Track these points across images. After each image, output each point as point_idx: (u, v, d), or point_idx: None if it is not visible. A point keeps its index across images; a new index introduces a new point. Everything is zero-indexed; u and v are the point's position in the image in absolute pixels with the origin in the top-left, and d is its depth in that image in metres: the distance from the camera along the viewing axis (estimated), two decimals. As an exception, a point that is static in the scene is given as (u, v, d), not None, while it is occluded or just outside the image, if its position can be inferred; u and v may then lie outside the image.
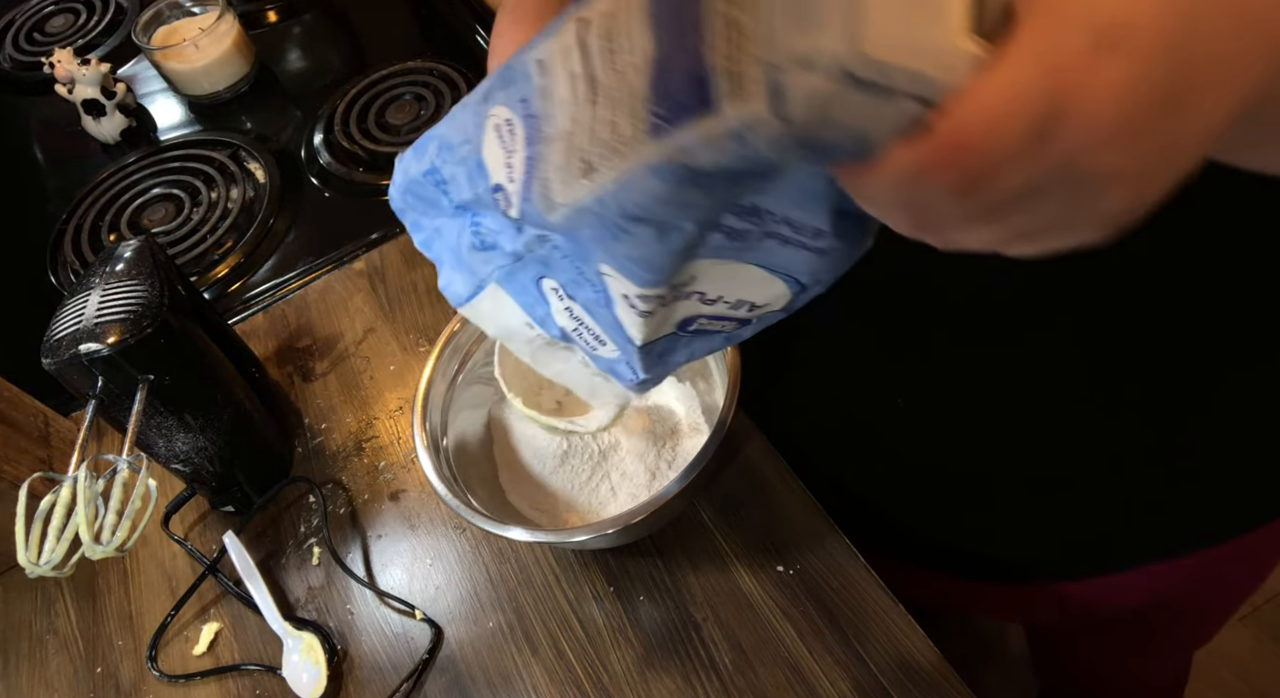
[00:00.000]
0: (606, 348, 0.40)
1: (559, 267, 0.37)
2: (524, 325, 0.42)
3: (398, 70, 1.08)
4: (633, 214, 0.29)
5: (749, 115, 0.24)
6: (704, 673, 0.58)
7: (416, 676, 0.62)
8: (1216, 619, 0.84)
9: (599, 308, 0.37)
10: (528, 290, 0.39)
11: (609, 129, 0.28)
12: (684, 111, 0.25)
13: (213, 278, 0.93)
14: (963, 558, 0.69)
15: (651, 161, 0.26)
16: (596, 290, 0.36)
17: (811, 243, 0.34)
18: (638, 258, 0.32)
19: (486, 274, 0.40)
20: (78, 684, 0.68)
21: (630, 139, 0.27)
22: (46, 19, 1.31)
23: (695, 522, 0.64)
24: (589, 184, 0.29)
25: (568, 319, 0.39)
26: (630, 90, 0.26)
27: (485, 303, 0.42)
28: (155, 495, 0.58)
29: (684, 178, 0.27)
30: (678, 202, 0.28)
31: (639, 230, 0.30)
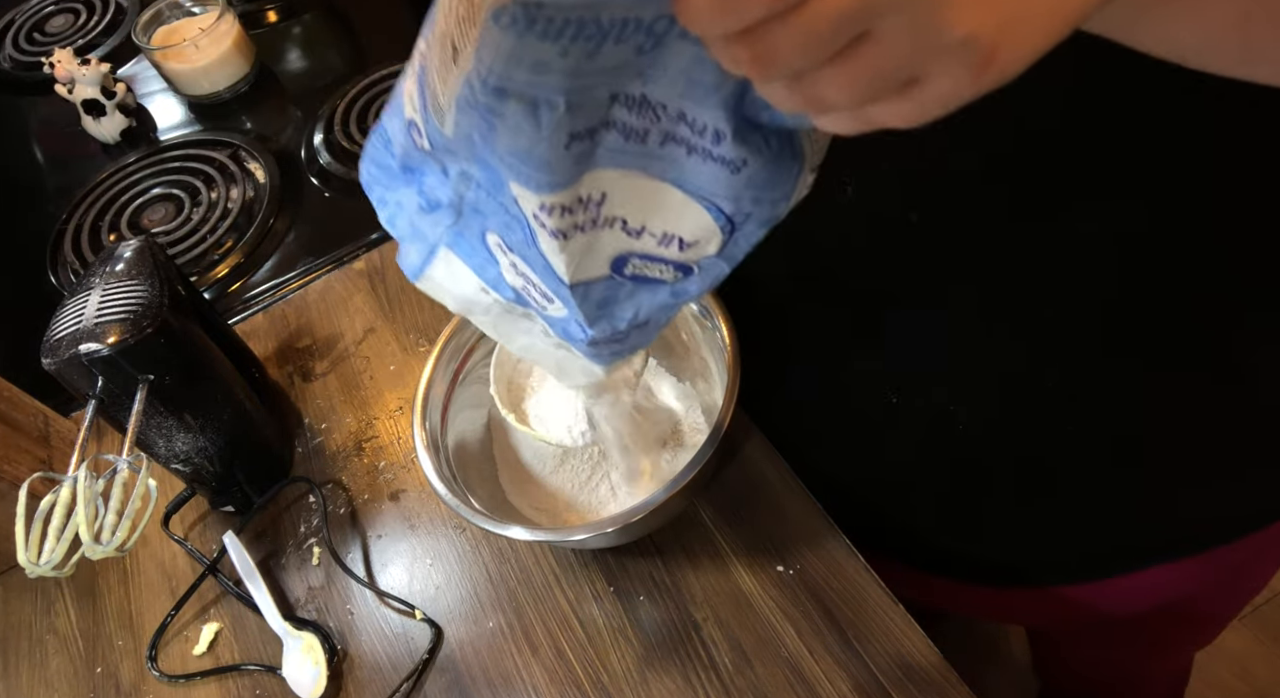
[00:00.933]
0: (554, 305, 0.39)
1: (490, 210, 0.35)
2: (479, 291, 0.41)
3: (398, 70, 1.07)
4: (493, 86, 0.28)
5: None
6: (704, 673, 0.58)
7: (416, 676, 0.62)
8: (1218, 622, 0.84)
9: (528, 248, 0.36)
10: (476, 251, 0.39)
11: (465, 7, 0.27)
12: None
13: (213, 278, 0.93)
14: (964, 561, 0.69)
15: (493, 10, 0.26)
16: (521, 226, 0.35)
17: (715, 150, 0.32)
18: (522, 152, 0.31)
19: (436, 238, 0.39)
20: (78, 684, 0.68)
21: (479, 7, 0.26)
22: (46, 19, 1.31)
23: (695, 522, 0.64)
24: (457, 70, 0.29)
25: (515, 276, 0.38)
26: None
27: (439, 269, 0.41)
28: (155, 495, 0.58)
29: (525, 22, 0.26)
30: (529, 59, 0.27)
31: (508, 111, 0.29)
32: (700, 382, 0.66)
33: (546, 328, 0.42)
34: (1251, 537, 0.61)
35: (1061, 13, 0.22)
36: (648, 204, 0.34)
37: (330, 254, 0.91)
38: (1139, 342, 0.48)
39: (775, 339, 0.62)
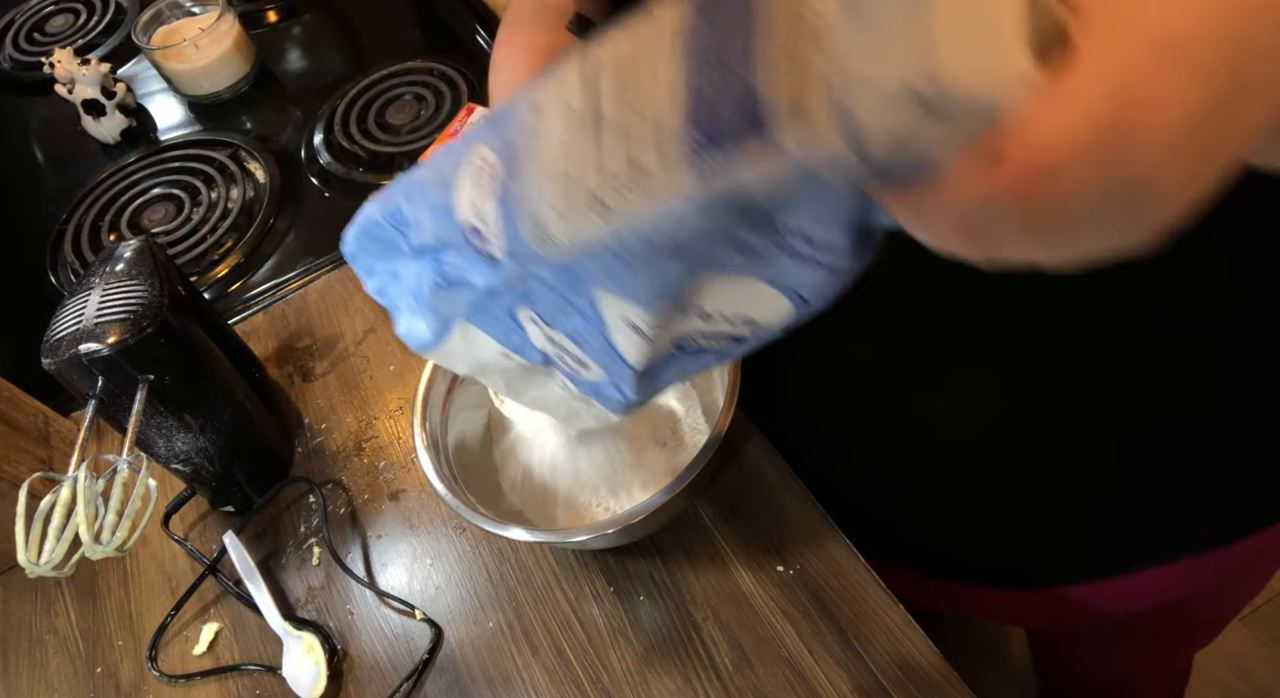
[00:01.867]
0: (590, 372, 0.39)
1: (540, 297, 0.35)
2: (500, 357, 0.41)
3: (398, 70, 1.08)
4: (661, 246, 0.29)
5: (813, 143, 0.23)
6: (704, 673, 0.58)
7: (416, 676, 0.62)
8: (1218, 622, 0.84)
9: (589, 335, 0.36)
10: (501, 322, 0.38)
11: (625, 164, 0.27)
12: (732, 141, 0.24)
13: (213, 278, 0.93)
14: (964, 561, 0.69)
15: (691, 193, 0.26)
16: (587, 317, 0.35)
17: (824, 259, 0.33)
18: (656, 286, 0.31)
19: (453, 312, 0.39)
20: (78, 684, 0.68)
21: (657, 172, 0.26)
22: (46, 19, 1.31)
23: (695, 522, 0.64)
24: (598, 221, 0.29)
25: (546, 343, 0.38)
26: (655, 124, 0.26)
27: (455, 342, 0.41)
28: (155, 495, 0.58)
29: (728, 206, 0.26)
30: (715, 229, 0.28)
31: (663, 259, 0.29)
32: (700, 382, 0.66)
33: (567, 383, 0.42)
34: (1251, 539, 0.61)
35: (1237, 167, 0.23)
36: (736, 297, 0.35)
37: (330, 254, 0.91)
38: (1140, 342, 0.48)
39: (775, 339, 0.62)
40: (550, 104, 0.30)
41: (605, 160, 0.28)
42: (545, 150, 0.30)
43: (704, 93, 0.25)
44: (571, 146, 0.29)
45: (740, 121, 0.24)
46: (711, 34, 0.24)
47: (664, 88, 0.26)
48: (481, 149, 0.33)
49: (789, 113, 0.23)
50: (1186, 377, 0.50)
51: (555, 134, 0.29)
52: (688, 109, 0.25)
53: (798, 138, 0.23)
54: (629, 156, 0.27)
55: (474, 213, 0.33)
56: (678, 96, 0.25)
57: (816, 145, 0.23)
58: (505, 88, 0.56)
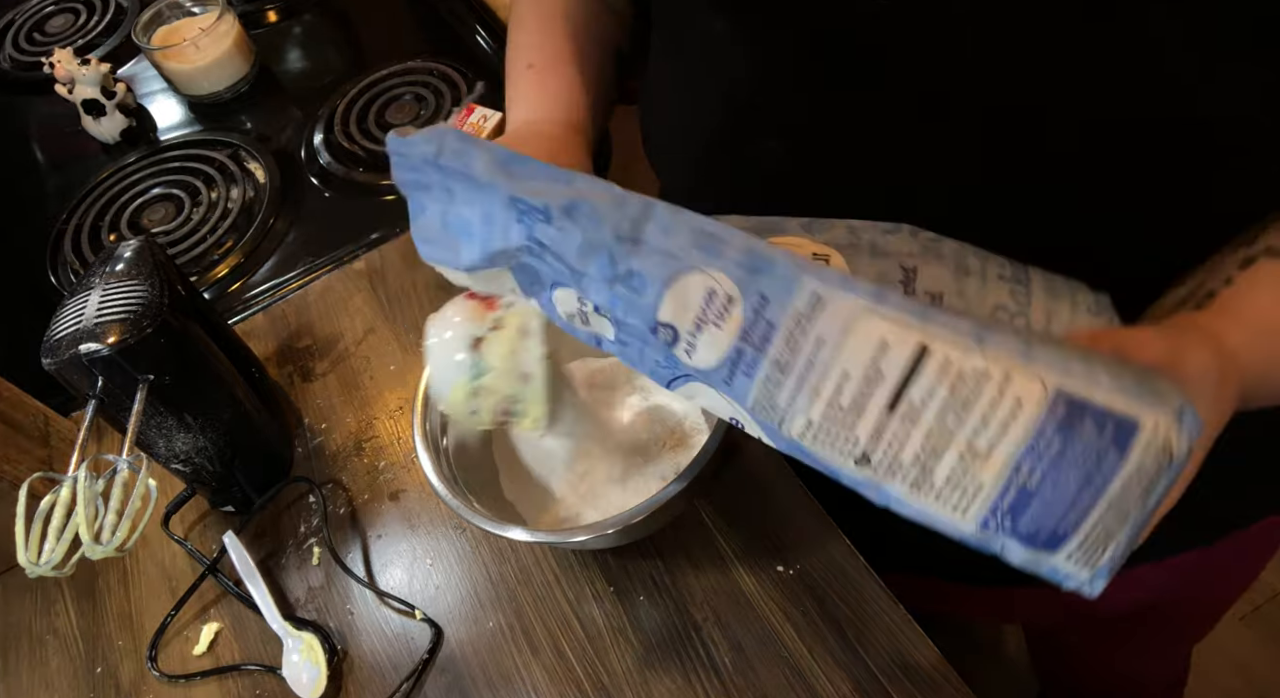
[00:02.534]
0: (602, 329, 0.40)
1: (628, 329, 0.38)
2: (509, 291, 0.43)
3: (398, 70, 1.08)
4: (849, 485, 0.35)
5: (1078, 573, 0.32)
6: (704, 673, 0.58)
7: (416, 676, 0.62)
8: (1211, 616, 0.85)
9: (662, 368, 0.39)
10: (539, 284, 0.41)
11: (914, 465, 0.32)
12: (1026, 541, 0.32)
13: (213, 278, 0.93)
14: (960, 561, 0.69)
15: (968, 532, 0.33)
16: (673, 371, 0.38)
17: None
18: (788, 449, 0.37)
19: (506, 262, 0.41)
20: (78, 684, 0.68)
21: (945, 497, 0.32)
22: (46, 19, 1.31)
23: (695, 522, 0.64)
24: (853, 466, 0.34)
25: (576, 307, 0.40)
26: (970, 473, 0.31)
27: (484, 275, 0.43)
28: (155, 495, 0.58)
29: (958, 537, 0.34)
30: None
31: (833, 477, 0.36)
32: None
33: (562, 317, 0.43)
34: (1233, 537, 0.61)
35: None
36: None
37: (330, 254, 0.91)
38: None
39: None
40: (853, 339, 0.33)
41: (894, 444, 0.32)
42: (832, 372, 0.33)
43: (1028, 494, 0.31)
44: (865, 398, 0.32)
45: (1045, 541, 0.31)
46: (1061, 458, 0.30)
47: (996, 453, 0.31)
48: (726, 281, 0.35)
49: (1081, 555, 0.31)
50: None
51: (852, 372, 0.33)
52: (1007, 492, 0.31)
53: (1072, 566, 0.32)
54: (923, 464, 0.32)
55: (688, 325, 0.36)
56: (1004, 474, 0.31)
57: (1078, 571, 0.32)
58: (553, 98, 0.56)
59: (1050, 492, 0.30)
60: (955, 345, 0.31)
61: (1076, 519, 0.30)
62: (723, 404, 0.38)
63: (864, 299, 0.33)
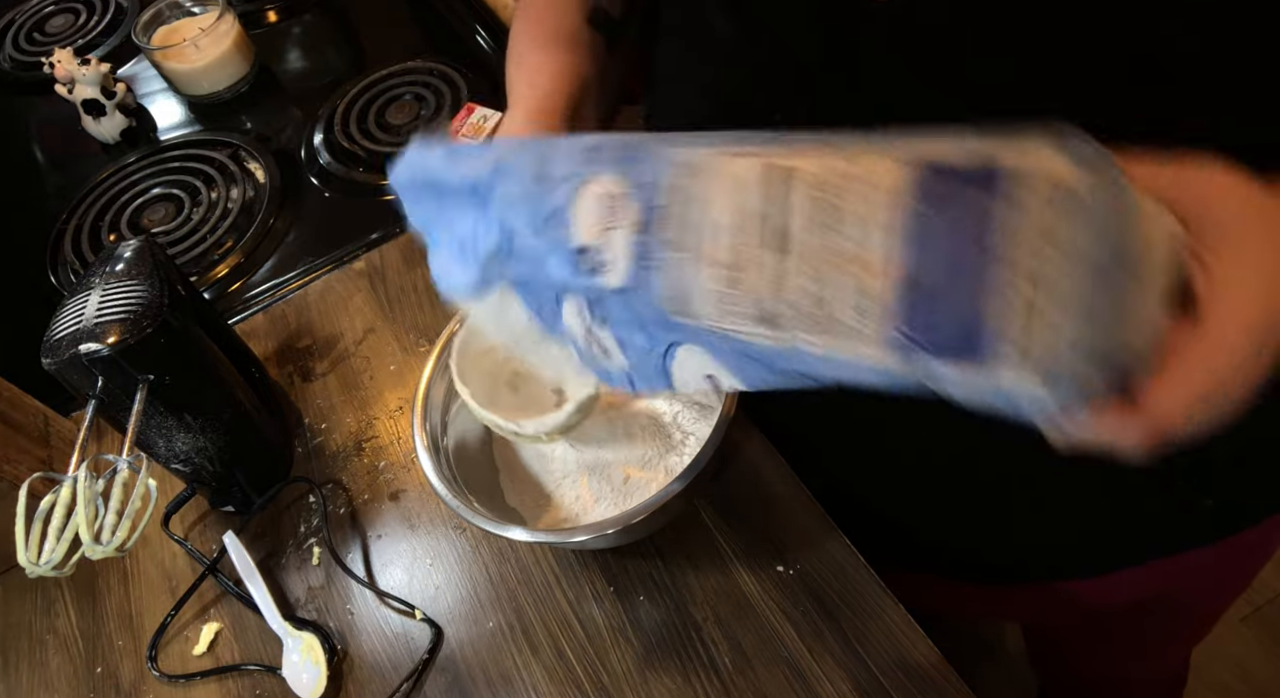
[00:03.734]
0: (610, 360, 0.40)
1: (615, 312, 0.37)
2: (524, 322, 0.42)
3: (398, 70, 1.08)
4: (802, 373, 0.31)
5: (1025, 385, 0.26)
6: (704, 673, 0.58)
7: (416, 676, 0.62)
8: (1210, 616, 0.85)
9: (644, 354, 0.37)
10: (542, 299, 0.40)
11: (812, 301, 0.29)
12: (944, 353, 0.27)
13: (213, 278, 0.93)
14: (960, 560, 0.69)
15: (885, 366, 0.29)
16: (653, 343, 0.36)
17: None
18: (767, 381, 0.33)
19: (501, 276, 0.40)
20: (78, 684, 0.68)
21: (851, 330, 0.28)
22: (46, 19, 1.31)
23: (695, 522, 0.64)
24: (764, 332, 0.30)
25: (579, 327, 0.39)
26: (863, 291, 0.28)
27: (490, 300, 0.42)
28: (155, 495, 0.58)
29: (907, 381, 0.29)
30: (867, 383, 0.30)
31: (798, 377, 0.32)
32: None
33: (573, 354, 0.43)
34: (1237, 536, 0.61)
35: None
36: None
37: (330, 254, 0.91)
38: None
39: None
40: (716, 184, 0.30)
41: (788, 283, 0.29)
42: (707, 231, 0.31)
43: (925, 291, 0.27)
44: (742, 251, 0.30)
45: (962, 341, 0.27)
46: (940, 231, 0.26)
47: (877, 255, 0.27)
48: (606, 181, 0.33)
49: (1016, 354, 0.26)
50: None
51: (722, 222, 0.30)
52: (903, 297, 0.27)
53: (1015, 376, 0.26)
54: (820, 297, 0.28)
55: (595, 239, 0.34)
56: (893, 276, 0.27)
57: (1027, 385, 0.26)
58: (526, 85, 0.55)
59: (944, 275, 0.26)
60: (813, 157, 0.28)
61: (983, 302, 0.26)
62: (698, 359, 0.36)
63: (724, 146, 0.31)
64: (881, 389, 0.30)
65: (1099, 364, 0.26)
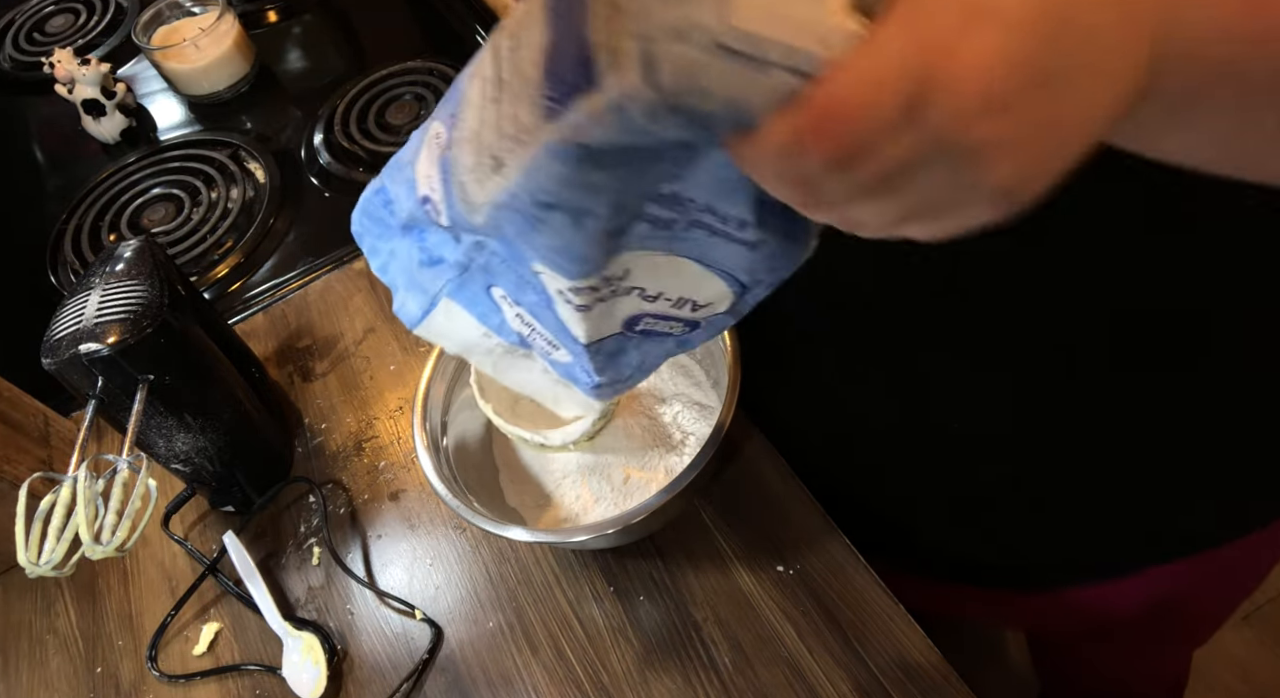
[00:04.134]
0: (560, 352, 0.40)
1: (501, 272, 0.37)
2: (481, 336, 0.42)
3: (398, 70, 1.08)
4: (542, 201, 0.29)
5: (625, 87, 0.24)
6: (704, 673, 0.58)
7: (416, 676, 0.62)
8: (1214, 621, 0.84)
9: (543, 310, 0.37)
10: (479, 300, 0.40)
11: (512, 122, 0.28)
12: (572, 91, 0.26)
13: (213, 278, 0.93)
14: (963, 565, 0.69)
15: (550, 144, 0.27)
16: (538, 292, 0.36)
17: (738, 234, 0.34)
18: (559, 248, 0.32)
19: (438, 289, 0.40)
20: (78, 684, 0.68)
21: (530, 127, 0.27)
22: (46, 19, 1.31)
23: (695, 522, 0.64)
24: (500, 179, 0.30)
25: (520, 325, 0.40)
26: (527, 81, 0.27)
27: (439, 318, 0.42)
28: (155, 495, 0.58)
29: (580, 157, 0.27)
30: (580, 183, 0.28)
31: (553, 218, 0.30)
32: (700, 382, 0.66)
33: (547, 367, 0.43)
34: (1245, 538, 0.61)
35: (1078, 142, 0.23)
36: (666, 275, 0.36)
37: (330, 254, 0.91)
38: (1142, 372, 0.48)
39: (776, 340, 0.62)
40: (474, 74, 0.31)
41: (500, 119, 0.29)
42: (466, 118, 0.31)
43: (555, 46, 0.26)
44: (480, 111, 0.30)
45: (576, 73, 0.25)
46: None
47: (534, 43, 0.27)
48: (435, 125, 0.33)
49: (607, 62, 0.24)
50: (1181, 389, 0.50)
51: (471, 98, 0.30)
52: (544, 63, 0.26)
53: (617, 86, 0.24)
54: (514, 114, 0.28)
55: (428, 184, 0.34)
56: (540, 52, 0.26)
57: (628, 89, 0.24)
58: None
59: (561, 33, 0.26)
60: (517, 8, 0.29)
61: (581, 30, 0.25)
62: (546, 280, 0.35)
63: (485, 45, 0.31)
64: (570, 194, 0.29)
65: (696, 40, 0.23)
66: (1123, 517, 0.60)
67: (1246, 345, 0.48)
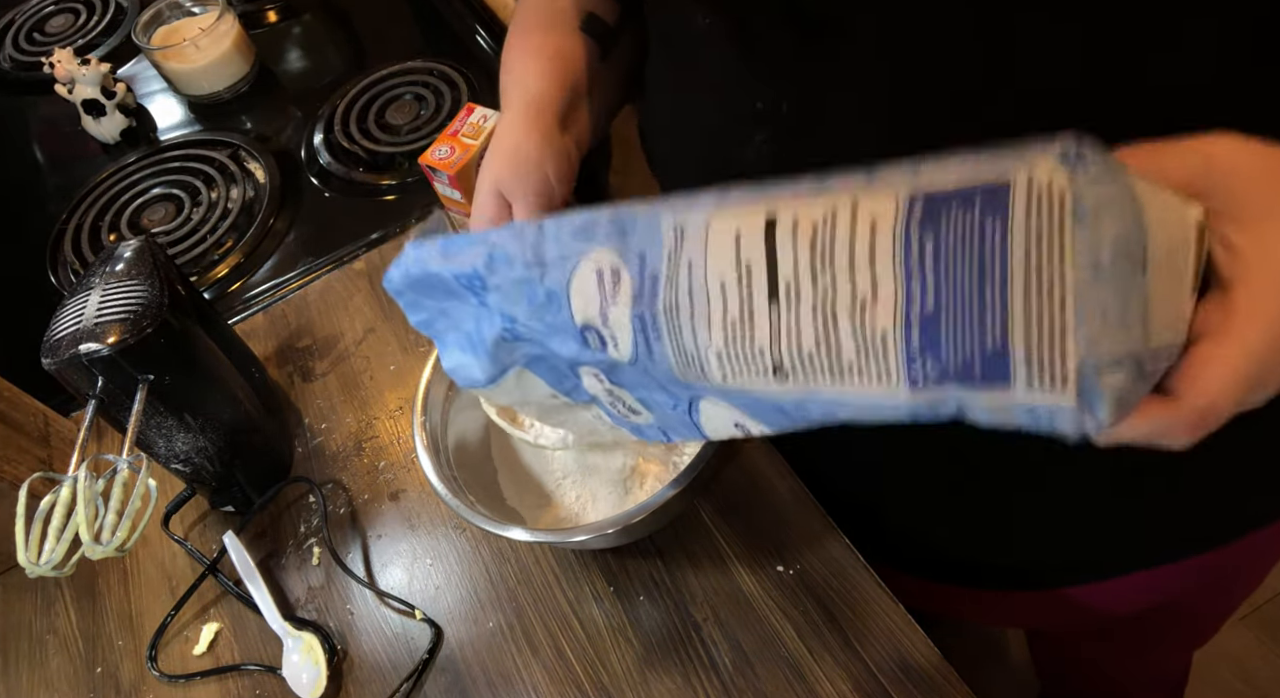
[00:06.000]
0: (639, 417, 0.40)
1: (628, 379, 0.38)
2: (547, 396, 0.43)
3: (398, 70, 1.08)
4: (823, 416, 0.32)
5: (1055, 401, 0.26)
6: (704, 673, 0.58)
7: (416, 676, 0.62)
8: (1216, 620, 0.84)
9: (669, 411, 0.38)
10: (559, 372, 0.40)
11: (823, 349, 0.29)
12: (967, 380, 0.27)
13: (213, 278, 0.93)
14: (964, 565, 0.68)
15: (909, 402, 0.28)
16: (677, 402, 0.37)
17: None
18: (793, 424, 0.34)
19: (512, 360, 0.41)
20: (78, 684, 0.68)
21: (867, 371, 0.28)
22: (46, 19, 1.31)
23: (695, 522, 0.64)
24: (775, 381, 0.31)
25: (602, 392, 0.40)
26: (869, 325, 0.27)
27: (508, 384, 0.42)
28: (155, 495, 0.58)
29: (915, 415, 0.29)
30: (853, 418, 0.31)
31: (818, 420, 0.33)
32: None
33: (601, 415, 0.44)
34: (1248, 537, 0.61)
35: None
36: None
37: (330, 254, 0.91)
38: None
39: None
40: (708, 245, 0.30)
41: (791, 332, 0.29)
42: (703, 293, 0.31)
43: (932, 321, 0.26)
44: (746, 306, 0.30)
45: (985, 369, 0.26)
46: (941, 258, 0.26)
47: (878, 291, 0.27)
48: (607, 255, 0.33)
49: (1040, 378, 0.26)
50: None
51: (717, 282, 0.30)
52: (913, 327, 0.27)
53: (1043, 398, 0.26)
54: (828, 342, 0.28)
55: (599, 318, 0.34)
56: (898, 310, 0.27)
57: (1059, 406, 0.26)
58: (518, 88, 0.55)
59: (953, 303, 0.26)
60: (798, 202, 0.28)
61: (999, 324, 0.25)
62: (722, 411, 0.37)
63: (709, 206, 0.31)
64: (906, 422, 0.30)
65: (1127, 366, 0.25)
66: (1123, 517, 0.59)
67: None
